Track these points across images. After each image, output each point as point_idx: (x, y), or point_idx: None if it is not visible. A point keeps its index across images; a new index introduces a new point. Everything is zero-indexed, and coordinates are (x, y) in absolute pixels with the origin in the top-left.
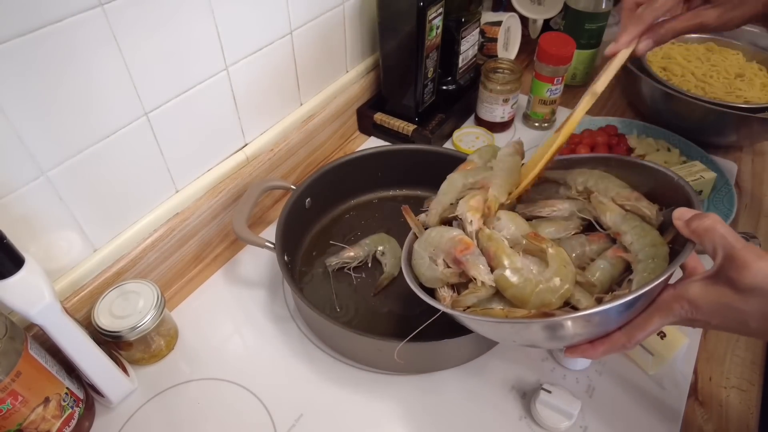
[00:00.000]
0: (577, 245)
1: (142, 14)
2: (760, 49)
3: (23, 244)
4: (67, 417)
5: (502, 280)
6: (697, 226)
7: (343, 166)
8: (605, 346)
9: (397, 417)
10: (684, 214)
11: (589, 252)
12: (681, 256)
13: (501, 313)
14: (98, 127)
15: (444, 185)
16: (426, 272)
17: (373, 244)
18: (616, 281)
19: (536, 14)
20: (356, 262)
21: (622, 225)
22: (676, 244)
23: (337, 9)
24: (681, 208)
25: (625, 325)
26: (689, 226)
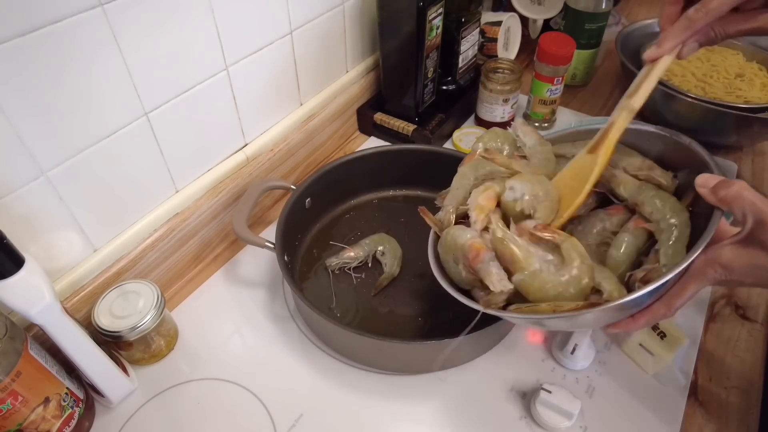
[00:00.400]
0: (597, 221)
1: (142, 14)
2: (760, 49)
3: (23, 244)
4: (67, 417)
5: (524, 285)
6: (725, 195)
7: (343, 166)
8: (646, 317)
9: (397, 417)
10: (708, 181)
11: (609, 226)
12: (711, 225)
13: (548, 309)
14: (98, 127)
15: (455, 180)
16: (456, 275)
17: (373, 244)
18: (642, 252)
19: (536, 14)
20: (356, 262)
21: (639, 196)
22: (695, 206)
23: (337, 9)
24: (704, 175)
25: (662, 296)
26: (716, 194)
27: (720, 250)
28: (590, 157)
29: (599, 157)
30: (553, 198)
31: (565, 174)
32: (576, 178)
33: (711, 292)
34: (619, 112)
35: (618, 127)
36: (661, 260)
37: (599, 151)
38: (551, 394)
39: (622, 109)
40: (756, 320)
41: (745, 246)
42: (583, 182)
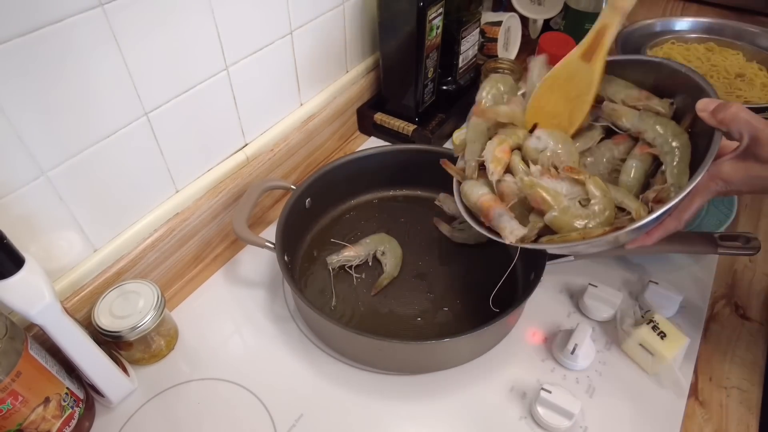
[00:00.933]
0: (606, 150)
1: (142, 14)
2: (761, 49)
3: (23, 244)
4: (68, 417)
5: (556, 221)
6: (723, 117)
7: (343, 166)
8: (659, 231)
9: (397, 417)
10: (708, 105)
11: (617, 154)
12: (714, 146)
13: (578, 236)
14: (98, 127)
15: (469, 131)
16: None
17: (373, 244)
18: (649, 174)
19: (536, 14)
20: (357, 261)
21: (641, 125)
22: (693, 128)
23: (337, 9)
24: (703, 100)
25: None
26: (716, 116)
27: (720, 166)
28: (586, 66)
29: (597, 67)
30: (571, 150)
31: (559, 74)
32: (572, 83)
33: (711, 292)
34: (612, 15)
35: (611, 33)
36: (668, 180)
37: (595, 59)
38: (551, 394)
39: (617, 11)
40: (756, 320)
41: (743, 160)
42: (582, 91)
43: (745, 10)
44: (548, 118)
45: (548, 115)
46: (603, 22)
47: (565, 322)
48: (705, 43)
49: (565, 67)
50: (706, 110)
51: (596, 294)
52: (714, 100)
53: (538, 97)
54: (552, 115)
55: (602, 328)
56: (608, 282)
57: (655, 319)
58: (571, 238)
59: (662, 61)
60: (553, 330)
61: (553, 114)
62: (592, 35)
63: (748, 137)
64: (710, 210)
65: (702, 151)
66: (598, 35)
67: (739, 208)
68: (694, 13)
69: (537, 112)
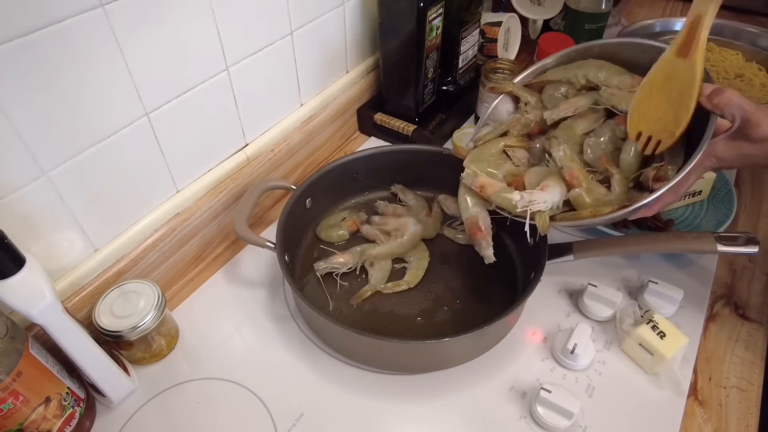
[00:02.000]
0: (608, 129)
1: (142, 15)
2: (760, 49)
3: (24, 244)
4: (68, 416)
5: (579, 198)
6: (718, 101)
7: (343, 167)
8: (658, 204)
9: (397, 417)
10: (704, 90)
11: (619, 133)
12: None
13: (589, 214)
14: (99, 127)
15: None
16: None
17: (363, 252)
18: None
19: (536, 15)
20: (345, 269)
21: None
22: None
23: (337, 9)
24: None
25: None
26: (711, 101)
27: (715, 145)
28: (684, 63)
29: (697, 62)
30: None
31: (655, 77)
32: (671, 83)
33: (711, 291)
34: (706, 4)
35: (707, 23)
36: (666, 158)
37: (694, 54)
38: (551, 393)
39: (709, 0)
40: (756, 320)
41: (734, 139)
42: (684, 89)
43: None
44: (651, 124)
45: (651, 121)
46: (696, 13)
47: (564, 321)
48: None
49: (661, 69)
50: (702, 94)
51: (596, 294)
52: (710, 85)
53: (637, 106)
54: (655, 120)
55: (602, 328)
56: (608, 282)
57: (655, 319)
58: (583, 215)
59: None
60: (552, 330)
61: (656, 119)
62: (686, 28)
63: (739, 119)
64: (710, 210)
65: (698, 131)
66: (692, 27)
67: (739, 208)
68: None
69: (639, 121)
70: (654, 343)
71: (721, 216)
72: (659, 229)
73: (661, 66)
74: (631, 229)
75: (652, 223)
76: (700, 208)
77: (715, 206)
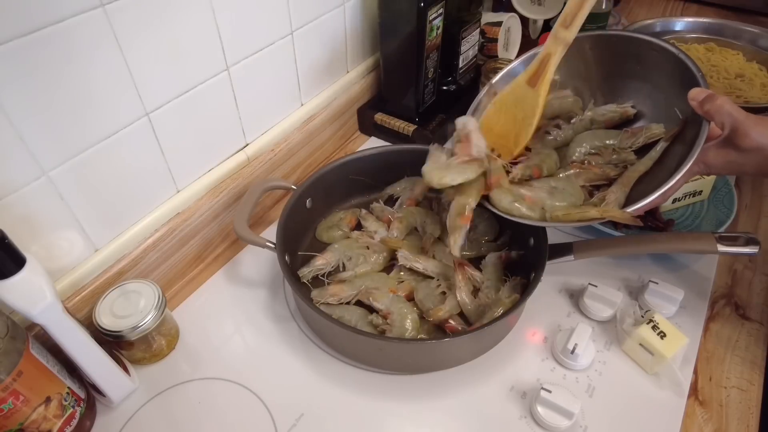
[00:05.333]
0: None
1: (143, 15)
2: (760, 49)
3: (24, 243)
4: (69, 416)
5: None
6: (710, 108)
7: (343, 167)
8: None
9: (397, 417)
10: (698, 95)
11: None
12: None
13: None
14: (99, 127)
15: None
16: None
17: (342, 249)
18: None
19: (536, 15)
20: (329, 268)
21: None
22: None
23: (337, 9)
24: (695, 89)
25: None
26: (703, 107)
27: (706, 151)
28: (532, 92)
29: (541, 92)
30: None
31: (506, 99)
32: (518, 107)
33: (711, 292)
34: (555, 45)
35: (554, 61)
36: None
37: (540, 85)
38: (551, 393)
39: (559, 41)
40: (756, 320)
41: (723, 147)
42: (528, 114)
43: (745, 10)
44: (496, 139)
45: (496, 135)
46: (547, 51)
47: (565, 321)
48: (705, 44)
49: (513, 91)
50: (696, 99)
51: (596, 294)
52: (704, 90)
53: (488, 117)
54: (500, 136)
55: (602, 328)
56: (608, 282)
57: (655, 319)
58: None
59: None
60: (553, 330)
61: (500, 134)
62: (537, 63)
63: (729, 128)
64: (710, 210)
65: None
66: (543, 62)
67: (739, 208)
68: (694, 13)
69: (486, 132)
70: (654, 343)
71: (721, 216)
72: (659, 229)
73: (512, 88)
74: (632, 229)
75: (653, 223)
76: (700, 208)
77: (716, 206)
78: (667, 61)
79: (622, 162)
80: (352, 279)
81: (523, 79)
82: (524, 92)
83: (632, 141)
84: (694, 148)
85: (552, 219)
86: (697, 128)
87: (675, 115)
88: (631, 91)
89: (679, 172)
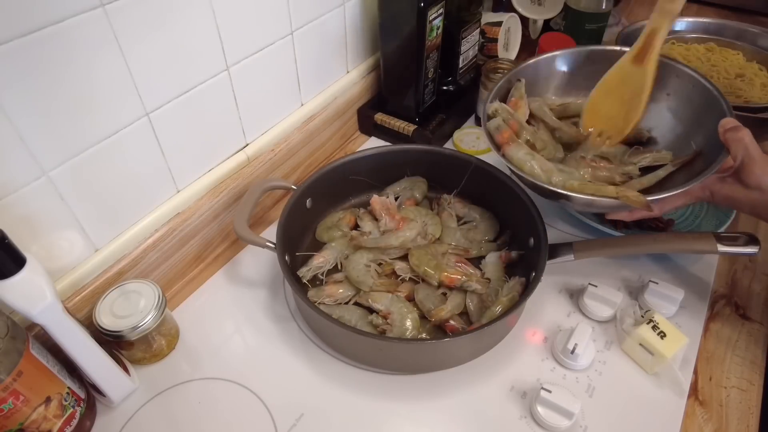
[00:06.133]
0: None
1: (143, 15)
2: (761, 49)
3: (25, 243)
4: (69, 416)
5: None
6: (730, 136)
7: (343, 167)
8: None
9: (397, 417)
10: (727, 123)
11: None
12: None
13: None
14: (100, 127)
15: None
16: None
17: (339, 248)
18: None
19: (536, 15)
20: (328, 266)
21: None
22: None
23: (337, 9)
24: (728, 119)
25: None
26: (724, 134)
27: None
28: (638, 69)
29: (649, 68)
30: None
31: (611, 79)
32: (625, 86)
33: (711, 291)
34: (661, 19)
35: (661, 36)
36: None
37: (648, 62)
38: (551, 393)
39: (665, 14)
40: (756, 320)
41: (731, 181)
42: (636, 93)
43: (745, 10)
44: (604, 121)
45: (604, 118)
46: (653, 26)
47: (565, 321)
48: (705, 44)
49: (618, 71)
50: (724, 127)
51: (596, 294)
52: (734, 120)
53: (593, 102)
54: (608, 118)
55: (602, 328)
56: (608, 282)
57: (655, 319)
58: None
59: (693, 74)
60: (553, 330)
61: (608, 117)
62: (643, 38)
63: (740, 162)
64: (710, 210)
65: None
66: (649, 38)
67: None
68: (694, 13)
69: (593, 116)
70: (654, 343)
71: (721, 216)
72: (660, 229)
73: (617, 70)
74: (632, 229)
75: (653, 223)
76: (700, 208)
77: (716, 206)
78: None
79: (626, 174)
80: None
81: (628, 59)
82: (631, 71)
83: (640, 158)
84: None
85: (567, 188)
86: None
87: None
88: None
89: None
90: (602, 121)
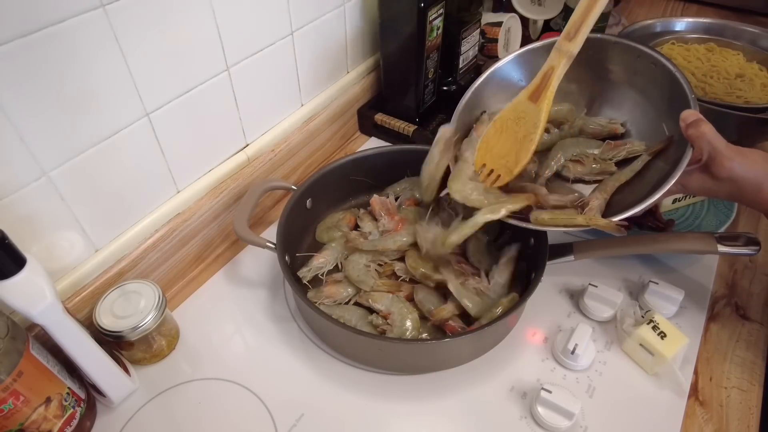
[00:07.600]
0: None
1: (143, 15)
2: (761, 50)
3: (25, 244)
4: (69, 417)
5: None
6: (693, 132)
7: (343, 167)
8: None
9: (397, 417)
10: (688, 117)
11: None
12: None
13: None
14: (100, 127)
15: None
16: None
17: (339, 248)
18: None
19: (537, 15)
20: (329, 266)
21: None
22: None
23: (337, 10)
24: (686, 111)
25: None
26: (687, 130)
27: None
28: (533, 107)
29: (543, 108)
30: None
31: (506, 117)
32: (519, 124)
33: (711, 292)
34: (559, 58)
35: (558, 74)
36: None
37: (542, 100)
38: (551, 393)
39: (562, 54)
40: (756, 320)
41: (701, 173)
42: (529, 131)
43: (745, 10)
44: (496, 159)
45: (496, 156)
46: (549, 65)
47: (565, 322)
48: (705, 44)
49: (514, 108)
50: (685, 121)
51: (596, 294)
52: (695, 113)
53: (487, 139)
54: (500, 156)
55: (602, 328)
56: (608, 282)
57: (655, 319)
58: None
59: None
60: (553, 330)
61: (500, 154)
62: (540, 77)
63: (707, 155)
64: (710, 210)
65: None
66: (545, 77)
67: (740, 208)
68: (694, 13)
69: (485, 153)
70: (654, 343)
71: (721, 216)
72: (660, 229)
73: (513, 105)
74: (632, 229)
75: (653, 223)
76: (700, 208)
77: (716, 206)
78: (663, 77)
79: (602, 172)
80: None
81: (525, 96)
82: (525, 109)
83: (614, 153)
84: (676, 170)
85: (537, 222)
86: (683, 149)
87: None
88: (627, 99)
89: (660, 190)
90: (494, 159)
